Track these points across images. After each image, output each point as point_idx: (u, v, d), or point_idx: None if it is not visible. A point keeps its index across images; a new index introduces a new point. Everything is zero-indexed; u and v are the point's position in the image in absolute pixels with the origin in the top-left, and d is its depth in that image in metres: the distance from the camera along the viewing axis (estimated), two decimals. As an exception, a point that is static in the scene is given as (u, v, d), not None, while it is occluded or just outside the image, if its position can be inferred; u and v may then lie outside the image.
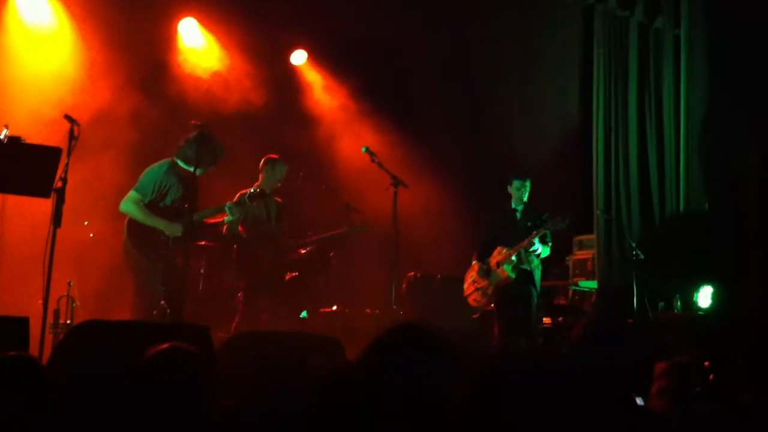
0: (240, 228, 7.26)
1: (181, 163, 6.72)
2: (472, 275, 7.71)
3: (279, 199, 7.61)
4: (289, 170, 7.80)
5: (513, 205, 7.62)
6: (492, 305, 7.66)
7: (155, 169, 6.76)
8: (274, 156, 7.53)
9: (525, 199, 7.54)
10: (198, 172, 6.56)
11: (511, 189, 7.59)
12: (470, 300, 7.74)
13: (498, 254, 7.51)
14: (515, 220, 7.58)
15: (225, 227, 7.14)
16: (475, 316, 8.15)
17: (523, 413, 1.84)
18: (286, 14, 9.22)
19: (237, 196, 7.10)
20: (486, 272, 7.55)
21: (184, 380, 2.67)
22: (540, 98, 10.15)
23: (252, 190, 7.03)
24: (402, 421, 2.14)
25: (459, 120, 10.10)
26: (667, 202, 8.63)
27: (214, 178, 7.19)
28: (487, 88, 10.23)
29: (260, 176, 7.45)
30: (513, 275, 7.38)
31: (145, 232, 6.62)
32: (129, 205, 6.66)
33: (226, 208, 6.92)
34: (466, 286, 7.76)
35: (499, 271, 7.47)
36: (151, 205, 6.66)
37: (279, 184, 7.52)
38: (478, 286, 7.59)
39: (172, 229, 6.63)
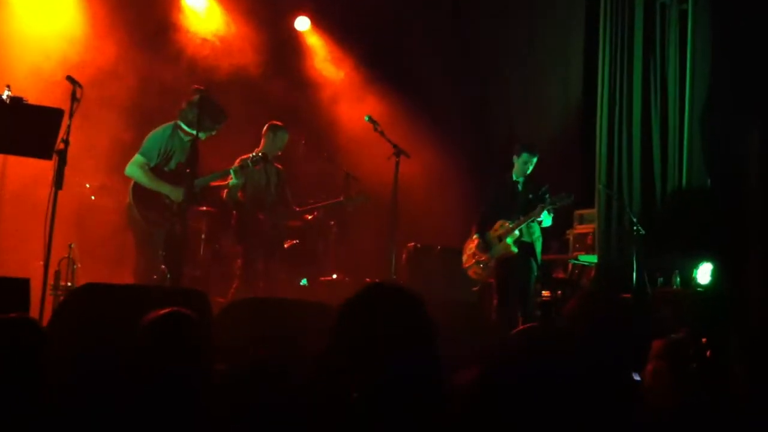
0: (239, 194, 7.25)
1: (184, 126, 6.71)
2: (471, 247, 7.69)
3: (279, 166, 7.59)
4: (292, 137, 7.78)
5: (514, 177, 7.60)
6: (491, 278, 7.67)
7: (159, 133, 6.73)
8: (278, 123, 7.51)
9: (528, 172, 7.53)
10: (201, 135, 6.56)
11: (518, 160, 7.55)
12: (470, 272, 7.74)
13: (500, 227, 7.50)
14: (516, 192, 7.56)
15: (225, 192, 7.14)
16: (475, 289, 8.16)
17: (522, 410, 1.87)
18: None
19: (238, 160, 7.09)
20: (487, 245, 7.55)
21: (183, 345, 2.68)
22: (544, 72, 10.10)
23: (254, 155, 7.03)
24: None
25: (461, 91, 10.06)
26: (669, 178, 8.62)
27: (215, 142, 7.17)
28: (490, 60, 10.19)
29: (262, 142, 7.43)
30: (515, 249, 7.38)
31: (149, 196, 6.60)
32: (134, 169, 6.63)
33: (231, 172, 6.92)
34: (465, 258, 7.76)
35: (501, 245, 7.46)
36: (156, 170, 6.63)
37: (279, 152, 7.51)
38: (479, 259, 7.59)
39: (176, 194, 6.61)
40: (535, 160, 7.52)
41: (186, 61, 8.61)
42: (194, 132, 6.56)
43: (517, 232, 7.38)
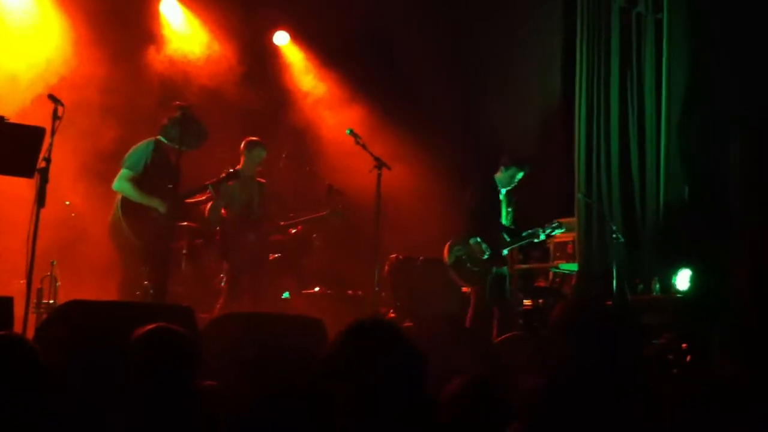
0: (222, 211, 7.25)
1: (165, 142, 6.72)
2: (463, 250, 7.69)
3: (262, 180, 7.60)
4: (273, 151, 7.80)
5: (498, 186, 7.70)
6: (473, 286, 7.74)
7: (143, 147, 6.72)
8: (254, 138, 7.52)
9: (513, 186, 7.67)
10: (183, 148, 6.59)
11: (505, 172, 7.65)
12: (455, 274, 7.75)
13: (499, 239, 7.63)
14: (500, 201, 7.70)
15: (207, 209, 7.14)
16: (465, 290, 8.17)
17: None
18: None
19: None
20: (494, 254, 7.61)
21: (171, 361, 2.69)
22: (522, 82, 10.16)
23: (229, 171, 7.03)
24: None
25: (442, 101, 10.11)
26: (648, 186, 8.70)
27: (194, 159, 7.18)
28: (470, 71, 10.25)
29: (241, 159, 7.45)
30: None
31: (138, 210, 6.57)
32: (123, 183, 6.60)
33: (210, 187, 6.92)
34: (453, 258, 7.73)
35: (499, 257, 7.58)
36: (143, 184, 6.60)
37: (259, 168, 7.52)
38: (474, 266, 7.61)
39: (166, 207, 6.62)
40: (521, 175, 7.64)
41: (164, 76, 8.60)
42: (176, 146, 6.58)
43: (505, 251, 7.56)
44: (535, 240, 7.85)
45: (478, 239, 7.60)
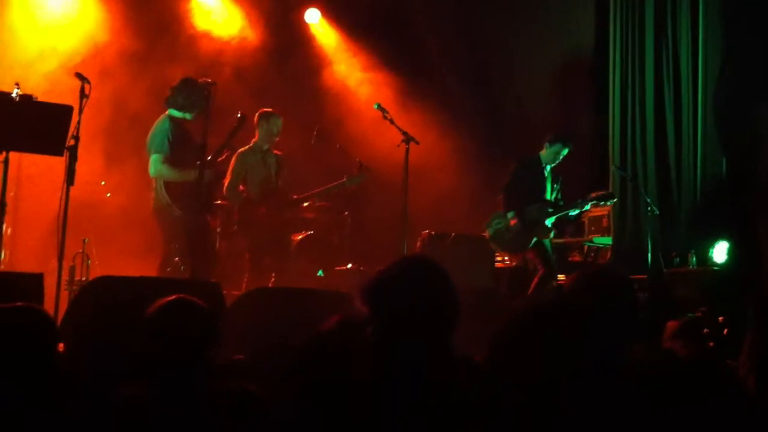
0: (240, 187, 7.22)
1: (176, 114, 6.68)
2: (503, 222, 7.70)
3: (278, 152, 7.52)
4: (305, 129, 7.78)
5: (543, 162, 7.68)
6: (517, 255, 7.82)
7: (159, 127, 6.66)
8: (268, 109, 7.39)
9: (557, 162, 7.65)
10: (190, 116, 6.62)
11: (549, 149, 7.66)
12: (500, 243, 7.81)
13: (537, 210, 7.59)
14: (544, 177, 7.67)
15: (225, 186, 7.10)
16: (500, 265, 8.13)
17: None
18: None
19: (235, 156, 7.12)
20: (534, 223, 7.58)
21: (188, 332, 2.69)
22: (554, 58, 10.04)
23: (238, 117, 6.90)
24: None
25: (471, 74, 10.03)
26: (684, 157, 8.56)
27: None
28: (499, 47, 10.15)
29: (256, 132, 7.36)
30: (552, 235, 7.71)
31: (182, 189, 6.49)
32: (158, 167, 6.53)
33: (227, 143, 6.83)
34: (494, 232, 7.77)
35: (541, 226, 7.56)
36: (174, 161, 6.58)
37: (277, 138, 7.41)
38: (520, 236, 7.62)
39: (202, 174, 6.59)
40: (566, 151, 7.62)
41: (195, 56, 8.63)
42: (186, 115, 6.61)
43: (551, 221, 7.53)
44: (583, 209, 7.79)
45: (513, 213, 7.59)
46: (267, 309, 4.84)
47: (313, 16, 10.01)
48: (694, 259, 7.75)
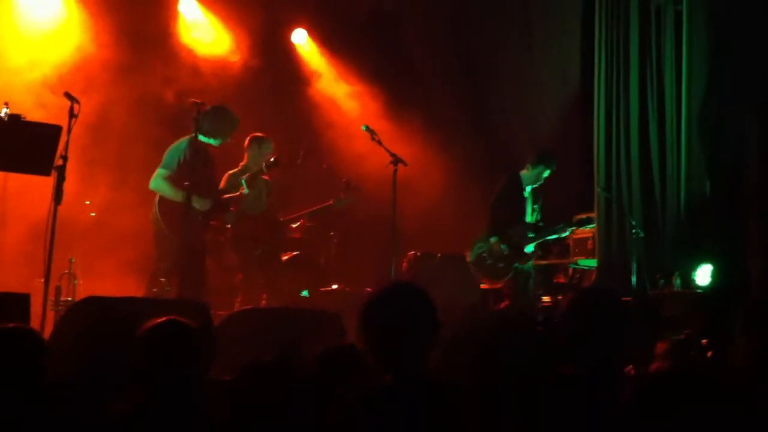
0: (232, 207, 7.25)
1: (201, 138, 6.77)
2: (484, 247, 7.68)
3: (267, 177, 7.57)
4: (291, 150, 7.81)
5: (523, 183, 7.69)
6: (499, 283, 7.73)
7: (178, 144, 6.81)
8: (259, 134, 7.56)
9: (540, 183, 7.68)
10: (216, 143, 6.86)
11: (533, 171, 7.66)
12: (479, 272, 7.75)
13: (517, 236, 7.58)
14: (525, 198, 7.70)
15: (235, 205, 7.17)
16: (484, 286, 8.17)
17: None
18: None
19: (225, 177, 7.18)
20: (517, 251, 7.57)
21: (178, 354, 2.69)
22: (541, 76, 10.11)
23: (268, 162, 7.03)
24: None
25: (459, 95, 10.09)
26: (668, 180, 8.60)
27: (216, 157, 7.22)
28: (487, 63, 10.22)
29: (245, 155, 7.46)
30: (531, 263, 7.64)
31: (176, 208, 6.59)
32: (159, 182, 6.66)
33: (243, 182, 6.97)
34: (475, 256, 7.74)
35: (521, 253, 7.54)
36: (179, 181, 6.62)
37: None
38: (499, 263, 7.60)
39: (202, 204, 6.69)
40: (548, 173, 7.64)
41: (182, 76, 8.63)
42: (212, 141, 6.81)
43: (531, 247, 7.53)
44: (562, 235, 7.80)
45: (497, 237, 7.59)
46: (256, 329, 4.85)
47: (299, 37, 10.05)
48: (679, 280, 7.79)
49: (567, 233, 7.80)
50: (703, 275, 7.66)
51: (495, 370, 2.33)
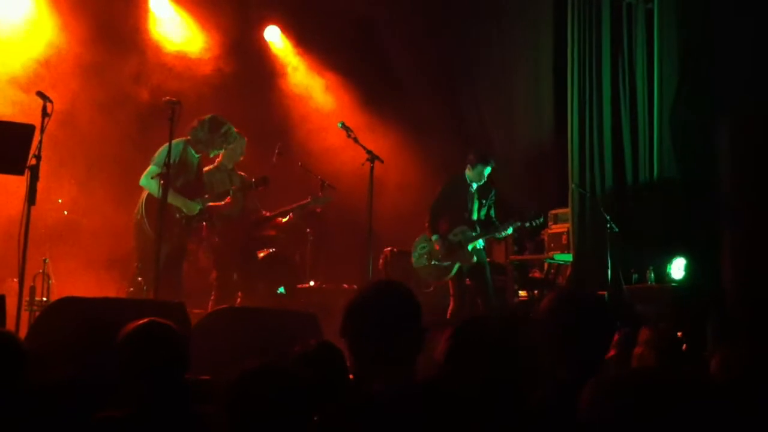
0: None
1: (193, 144, 6.76)
2: (426, 248, 7.70)
3: (242, 173, 7.54)
4: (266, 147, 7.77)
5: (468, 180, 7.68)
6: (443, 280, 7.73)
7: (175, 145, 6.67)
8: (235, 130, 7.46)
9: (483, 181, 7.65)
10: (208, 153, 6.86)
11: (474, 170, 7.63)
12: (422, 272, 7.78)
13: (460, 233, 7.56)
14: (470, 195, 7.67)
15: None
16: (429, 289, 8.16)
17: None
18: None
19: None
20: (450, 249, 7.56)
21: (161, 355, 2.68)
22: (514, 74, 10.15)
23: (258, 180, 7.08)
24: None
25: (434, 94, 10.10)
26: (641, 176, 8.69)
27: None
28: (462, 61, 10.24)
29: (220, 154, 7.38)
30: (476, 259, 7.52)
31: (156, 205, 6.51)
32: (148, 180, 6.55)
33: (231, 193, 6.99)
34: (416, 256, 7.78)
35: (464, 252, 7.52)
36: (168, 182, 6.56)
37: (242, 158, 7.47)
38: (438, 262, 7.61)
39: (190, 207, 6.65)
40: (489, 169, 7.63)
41: (154, 73, 8.57)
42: (204, 150, 6.79)
43: (480, 243, 7.51)
44: (506, 232, 7.73)
45: (438, 236, 7.60)
46: (234, 329, 4.82)
47: (272, 34, 10.01)
48: (653, 275, 7.86)
49: (510, 231, 7.72)
50: (678, 269, 7.74)
51: (487, 371, 2.30)
